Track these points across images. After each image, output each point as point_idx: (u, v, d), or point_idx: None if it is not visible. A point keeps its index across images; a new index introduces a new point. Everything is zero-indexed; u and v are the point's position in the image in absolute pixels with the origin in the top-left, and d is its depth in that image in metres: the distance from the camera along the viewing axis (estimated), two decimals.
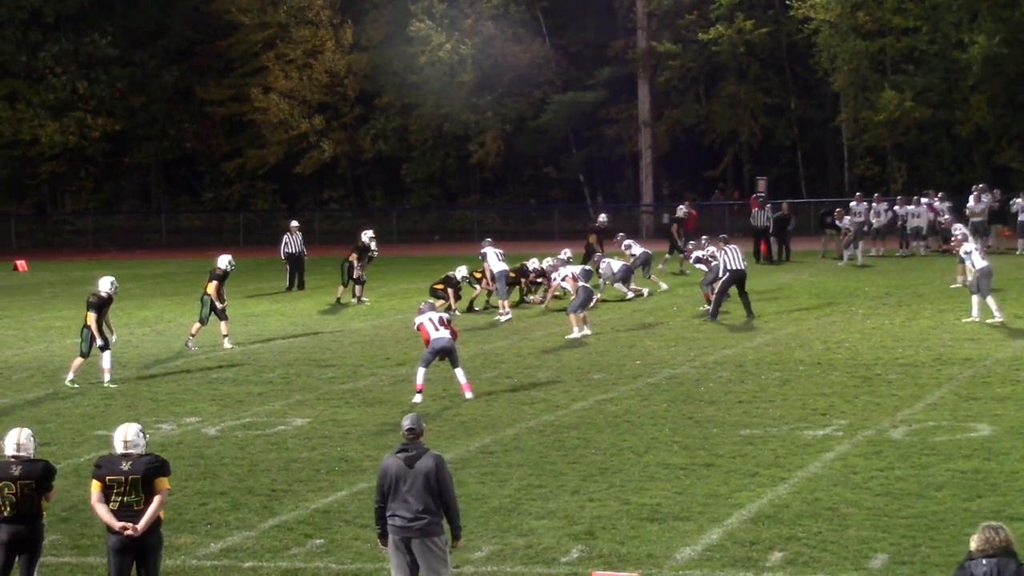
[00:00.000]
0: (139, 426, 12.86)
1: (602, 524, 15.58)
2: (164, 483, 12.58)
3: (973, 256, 30.23)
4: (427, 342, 23.39)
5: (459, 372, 23.55)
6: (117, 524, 12.42)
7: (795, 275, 42.54)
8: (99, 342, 25.74)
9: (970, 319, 30.12)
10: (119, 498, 12.47)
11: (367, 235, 40.06)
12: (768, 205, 49.44)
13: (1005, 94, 61.04)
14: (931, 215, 48.33)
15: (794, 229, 49.80)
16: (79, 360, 25.99)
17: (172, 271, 53.18)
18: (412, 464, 12.40)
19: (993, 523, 10.19)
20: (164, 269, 54.29)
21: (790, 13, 63.17)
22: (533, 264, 37.82)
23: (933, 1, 60.56)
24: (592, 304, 32.66)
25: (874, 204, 49.97)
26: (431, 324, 23.25)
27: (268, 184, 75.63)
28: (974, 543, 10.08)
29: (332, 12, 71.81)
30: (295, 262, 42.97)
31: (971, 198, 48.15)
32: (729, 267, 32.52)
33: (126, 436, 12.66)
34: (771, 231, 48.03)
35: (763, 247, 47.78)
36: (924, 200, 48.99)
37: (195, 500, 17.26)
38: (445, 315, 24.10)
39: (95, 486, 12.56)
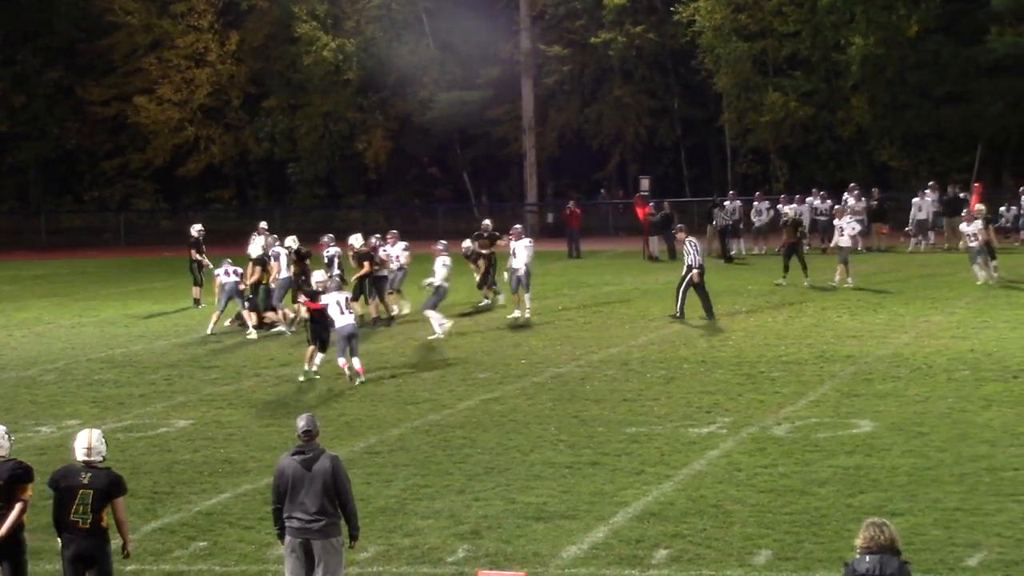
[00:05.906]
0: (5, 428, 12.63)
1: (488, 523, 15.54)
2: (27, 490, 12.39)
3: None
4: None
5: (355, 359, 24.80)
6: None
7: (679, 274, 42.55)
8: None
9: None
10: None
11: (195, 228, 39.43)
12: (652, 204, 49.76)
13: (886, 94, 61.81)
14: (812, 213, 49.05)
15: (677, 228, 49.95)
16: None
17: (52, 272, 52.36)
18: (309, 467, 12.32)
19: (877, 519, 10.23)
20: (43, 270, 53.43)
21: (674, 18, 63.59)
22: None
23: (812, 3, 61.33)
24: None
25: (755, 203, 50.50)
26: (336, 308, 24.73)
27: (150, 184, 74.70)
28: (859, 539, 10.14)
29: (215, 17, 71.17)
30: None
31: (851, 197, 48.78)
32: (688, 262, 32.15)
33: None
34: (658, 230, 48.12)
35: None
36: (808, 199, 49.68)
37: None
38: (347, 295, 25.75)
39: None
